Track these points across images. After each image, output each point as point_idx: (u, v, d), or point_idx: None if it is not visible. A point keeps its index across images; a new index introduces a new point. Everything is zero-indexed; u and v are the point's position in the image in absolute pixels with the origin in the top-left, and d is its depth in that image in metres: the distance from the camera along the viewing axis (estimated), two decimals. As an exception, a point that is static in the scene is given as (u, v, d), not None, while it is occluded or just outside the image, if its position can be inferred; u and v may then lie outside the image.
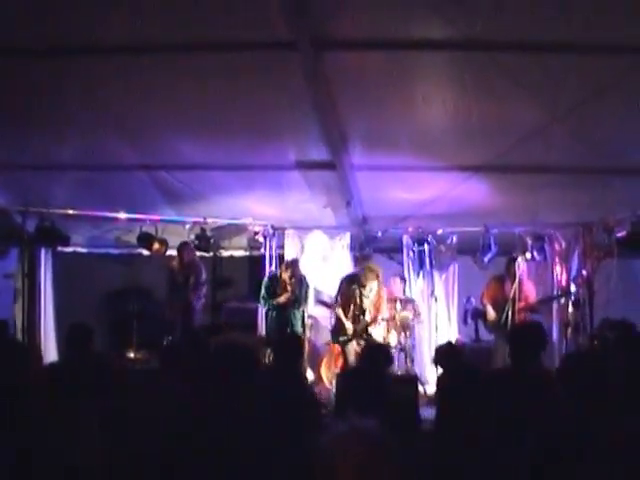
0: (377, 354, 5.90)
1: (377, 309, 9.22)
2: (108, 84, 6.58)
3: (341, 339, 9.08)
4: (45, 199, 9.06)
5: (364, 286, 9.08)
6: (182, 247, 9.72)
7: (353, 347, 8.91)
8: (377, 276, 9.10)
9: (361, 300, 9.07)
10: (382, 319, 9.39)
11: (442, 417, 5.03)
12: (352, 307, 9.09)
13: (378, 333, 9.40)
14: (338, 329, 9.22)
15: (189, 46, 5.79)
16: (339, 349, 9.30)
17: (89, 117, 7.14)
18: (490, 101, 6.39)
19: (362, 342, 8.80)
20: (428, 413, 6.00)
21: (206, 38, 5.67)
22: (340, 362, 9.32)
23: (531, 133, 6.68)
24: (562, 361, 4.06)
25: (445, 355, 6.10)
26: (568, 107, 6.20)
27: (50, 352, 9.95)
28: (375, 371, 5.60)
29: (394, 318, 9.61)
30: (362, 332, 9.04)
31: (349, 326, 9.04)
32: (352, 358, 8.78)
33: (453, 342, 8.08)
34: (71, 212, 9.24)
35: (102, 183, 8.89)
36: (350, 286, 9.17)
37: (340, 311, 9.18)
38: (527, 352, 4.81)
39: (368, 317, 9.10)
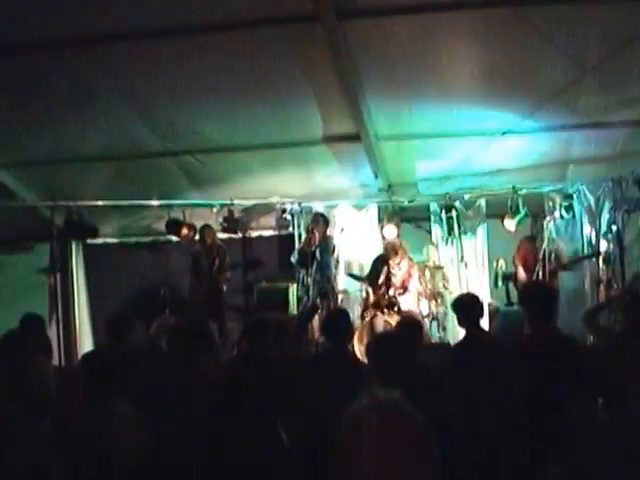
0: (408, 328, 5.76)
1: (403, 284, 9.24)
2: (130, 68, 6.58)
3: (366, 314, 9.08)
4: (72, 192, 9.09)
5: (389, 264, 9.19)
6: (204, 230, 9.68)
7: (382, 320, 8.90)
8: (397, 252, 9.16)
9: (388, 277, 9.14)
10: (408, 291, 9.39)
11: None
12: (380, 284, 9.15)
13: (409, 302, 9.38)
14: (365, 305, 9.30)
15: (212, 25, 5.78)
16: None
17: (112, 103, 7.15)
18: (517, 58, 6.33)
19: (391, 312, 8.83)
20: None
21: (229, 16, 5.65)
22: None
23: (559, 88, 6.61)
24: None
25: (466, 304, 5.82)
26: (597, 59, 6.13)
27: (86, 344, 10.03)
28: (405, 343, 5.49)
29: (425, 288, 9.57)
30: (388, 303, 9.04)
31: (373, 298, 9.10)
32: (380, 330, 8.75)
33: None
34: (100, 203, 9.27)
35: (127, 172, 8.91)
36: (379, 266, 9.29)
37: (370, 289, 9.29)
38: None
39: (392, 292, 9.14)
